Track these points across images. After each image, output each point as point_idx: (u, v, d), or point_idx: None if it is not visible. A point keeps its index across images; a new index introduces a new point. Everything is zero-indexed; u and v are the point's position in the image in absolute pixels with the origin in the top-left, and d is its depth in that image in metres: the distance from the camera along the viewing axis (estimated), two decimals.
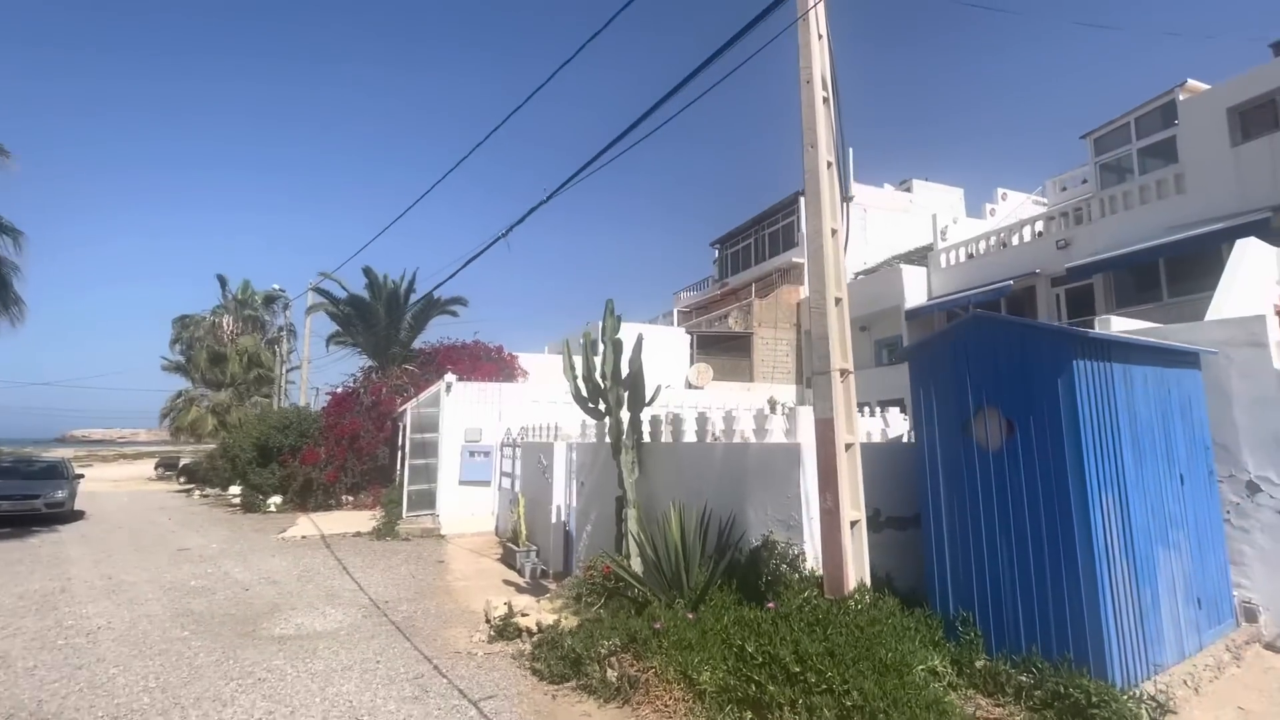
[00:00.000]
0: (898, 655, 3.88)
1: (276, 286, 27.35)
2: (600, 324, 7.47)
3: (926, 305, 20.47)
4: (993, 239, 19.40)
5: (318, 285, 18.47)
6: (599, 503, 8.33)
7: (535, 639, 5.90)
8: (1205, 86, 14.95)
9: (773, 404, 10.56)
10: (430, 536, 13.36)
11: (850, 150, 29.57)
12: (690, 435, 7.20)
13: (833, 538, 4.45)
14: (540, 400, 15.47)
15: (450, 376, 14.54)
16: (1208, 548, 4.78)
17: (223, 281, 30.00)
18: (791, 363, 25.87)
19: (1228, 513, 5.14)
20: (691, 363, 24.58)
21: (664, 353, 24.59)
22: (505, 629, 6.35)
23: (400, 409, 17.42)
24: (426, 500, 13.96)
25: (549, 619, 6.03)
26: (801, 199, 26.57)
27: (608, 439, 8.35)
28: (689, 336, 25.18)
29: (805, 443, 5.43)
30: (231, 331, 28.02)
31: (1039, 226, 17.88)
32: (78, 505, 17.15)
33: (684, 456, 6.88)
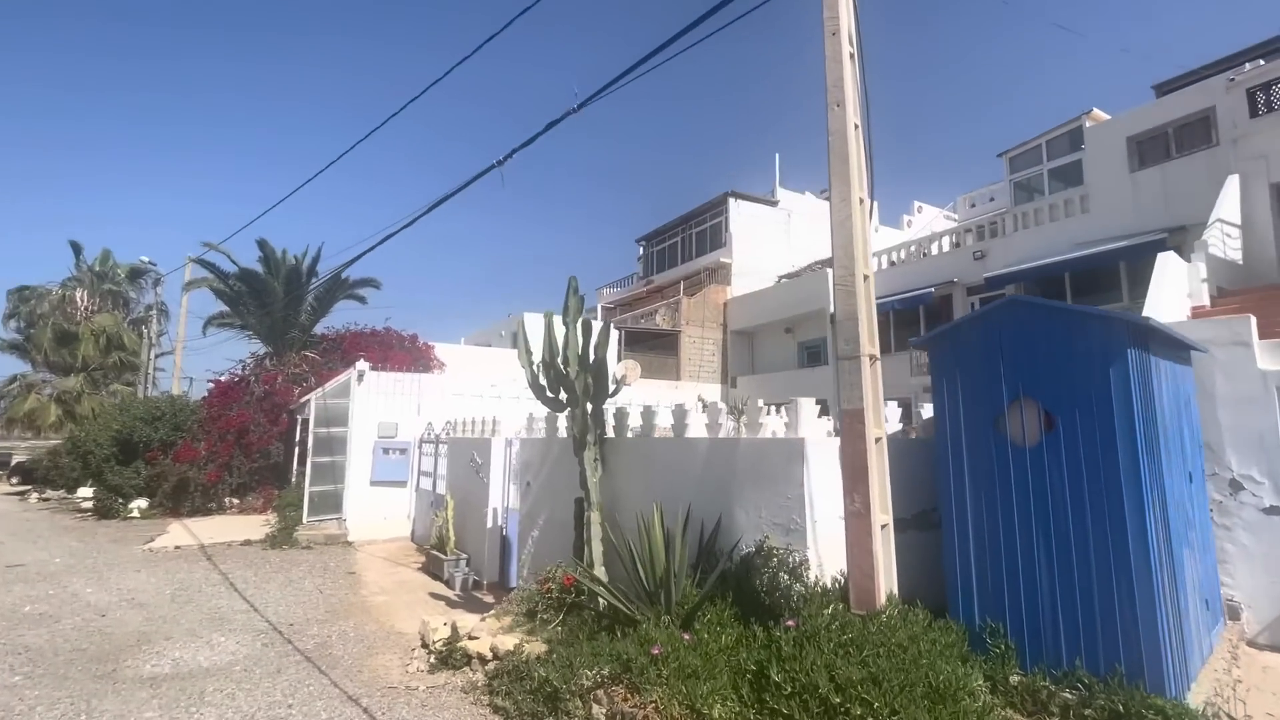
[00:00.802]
0: (950, 679, 3.39)
1: (145, 259, 23.79)
2: (563, 304, 6.62)
3: None
4: (914, 248, 20.24)
5: (201, 257, 16.01)
6: (549, 505, 7.46)
7: (491, 667, 4.98)
8: (1106, 116, 16.28)
9: (703, 402, 10.03)
10: (336, 544, 11.82)
11: (776, 155, 30.16)
12: (664, 429, 6.53)
13: (862, 544, 3.93)
14: (464, 394, 14.22)
15: (363, 364, 12.99)
16: (1207, 547, 4.72)
17: (76, 249, 25.67)
18: (717, 362, 25.86)
19: (1211, 511, 5.14)
20: (619, 359, 23.91)
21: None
22: (450, 656, 5.37)
23: (299, 400, 15.49)
24: (332, 503, 12.36)
25: (506, 642, 5.13)
26: (731, 200, 26.90)
27: (562, 434, 7.51)
28: (617, 332, 24.50)
29: (809, 437, 4.90)
30: (86, 308, 23.99)
31: (957, 238, 18.81)
32: None
33: (657, 453, 6.19)
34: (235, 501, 15.34)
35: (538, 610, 5.99)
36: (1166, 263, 9.62)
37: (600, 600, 5.83)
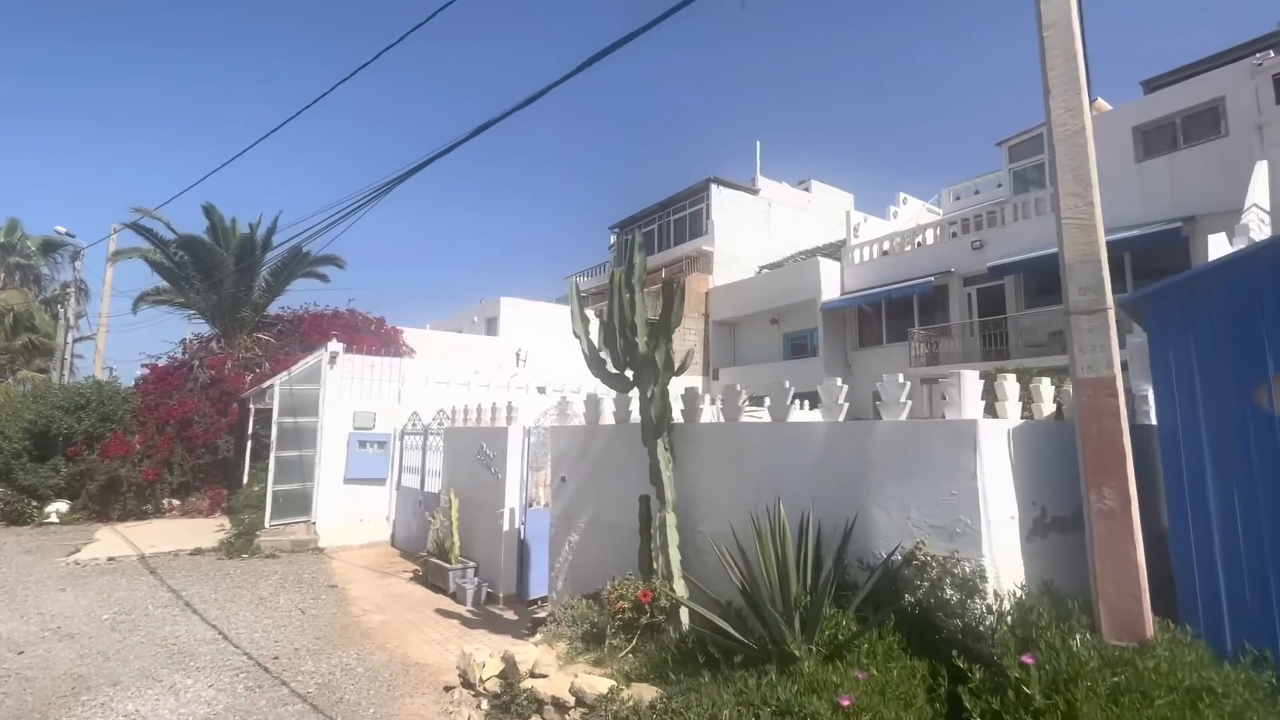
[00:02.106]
0: None
1: (62, 229, 20.95)
2: (627, 263, 5.46)
3: (842, 299, 20.51)
4: (908, 237, 19.89)
5: (136, 223, 13.79)
6: (593, 504, 6.29)
7: (579, 717, 3.82)
8: (1109, 107, 16.20)
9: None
10: (305, 551, 10.24)
11: (757, 143, 29.46)
12: (757, 412, 5.48)
13: (1121, 553, 2.99)
14: (450, 381, 12.79)
15: (335, 344, 11.38)
16: None
17: None
18: (700, 352, 24.97)
19: None
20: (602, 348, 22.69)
21: (571, 335, 22.48)
22: (512, 701, 4.17)
23: (253, 388, 13.66)
24: (299, 504, 10.74)
25: (593, 683, 3.96)
26: (714, 186, 25.98)
27: (607, 419, 6.35)
28: (597, 320, 23.25)
29: (981, 420, 3.95)
30: None
31: (954, 228, 18.51)
32: None
33: (752, 442, 5.11)
34: (176, 503, 13.38)
35: (604, 634, 4.85)
36: (1219, 245, 9.21)
37: (685, 621, 4.75)
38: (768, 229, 28.03)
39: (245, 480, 13.99)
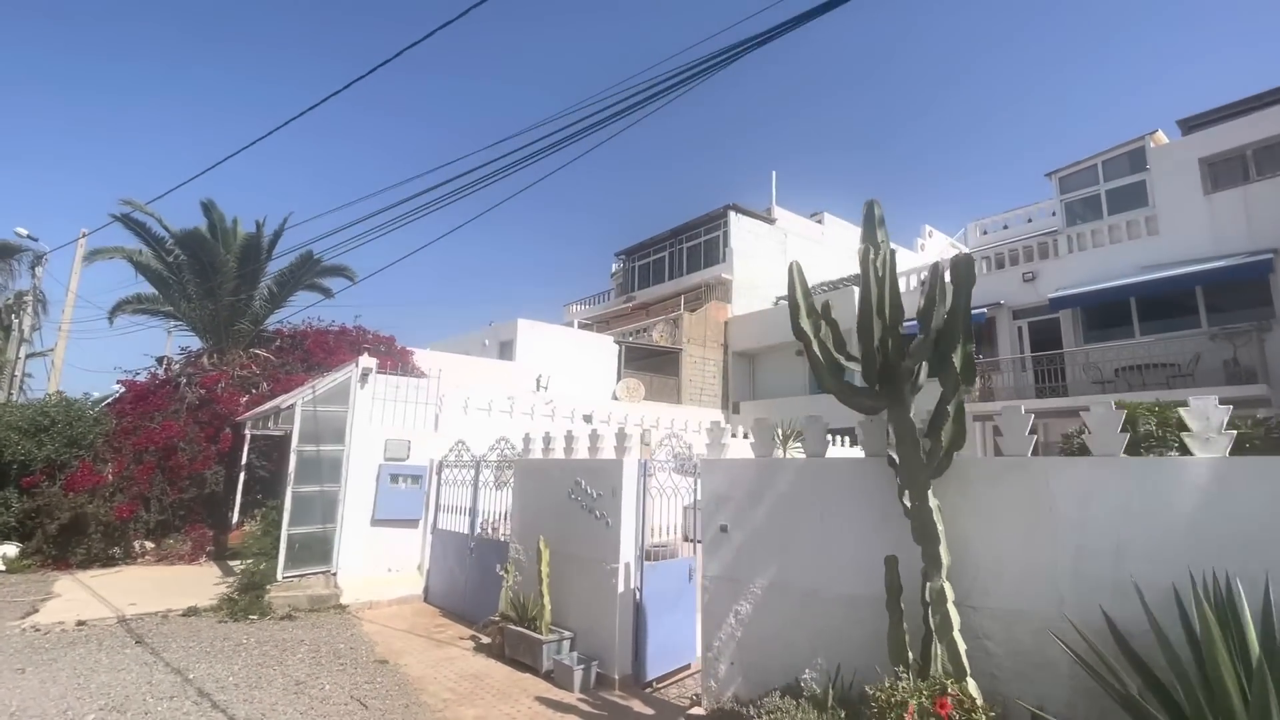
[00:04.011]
0: None
1: (22, 231, 18.69)
2: (865, 246, 4.12)
3: None
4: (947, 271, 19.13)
5: (128, 215, 11.85)
6: (779, 563, 4.79)
7: None
8: (1167, 139, 15.88)
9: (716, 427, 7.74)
10: (325, 609, 8.36)
11: (773, 173, 29.00)
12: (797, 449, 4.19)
13: None
14: (491, 408, 11.17)
15: (368, 360, 9.70)
16: None
17: None
18: (718, 385, 23.68)
19: None
20: (619, 377, 21.21)
21: (591, 362, 21.00)
22: None
23: (254, 411, 11.76)
24: (317, 550, 8.86)
25: None
26: (732, 213, 25.15)
27: (791, 451, 4.91)
28: (617, 347, 21.81)
29: None
30: None
31: (1000, 259, 17.83)
32: None
33: (1065, 485, 3.72)
34: (150, 546, 11.24)
35: None
36: None
37: None
38: (784, 259, 27.22)
39: (235, 519, 11.97)
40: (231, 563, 10.91)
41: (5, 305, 21.49)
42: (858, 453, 5.61)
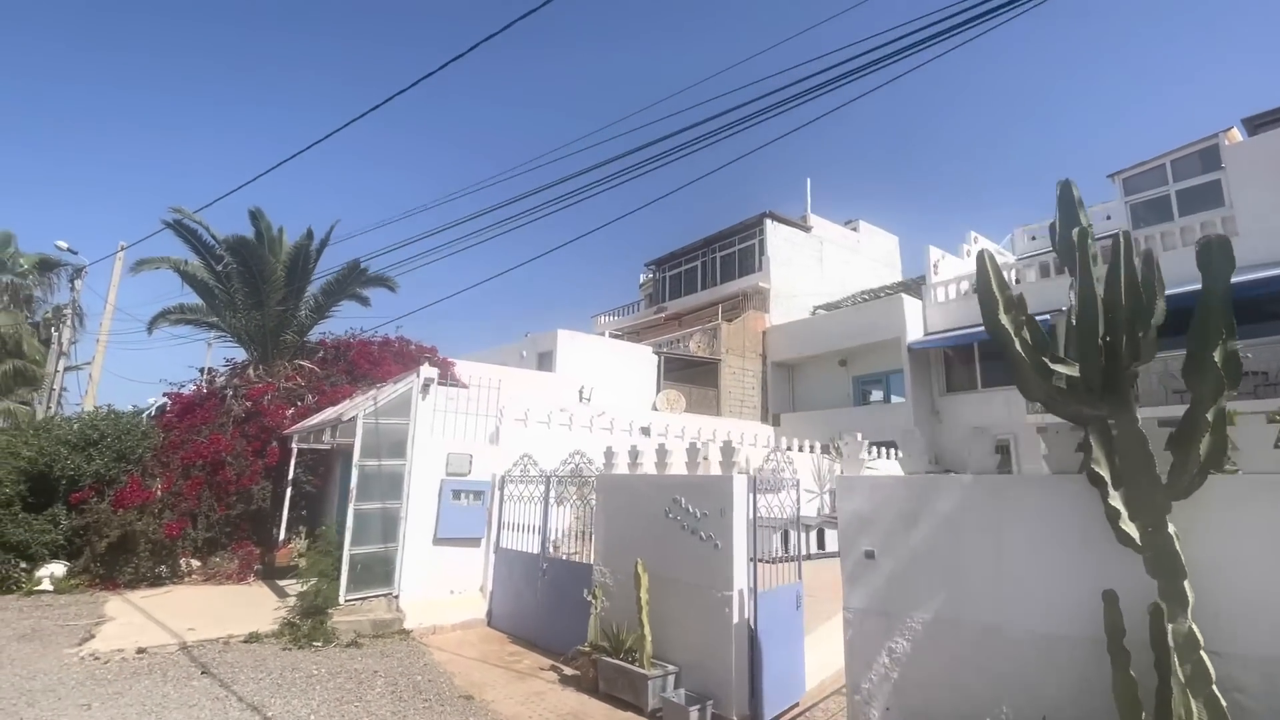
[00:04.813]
0: None
1: (62, 244, 18.67)
2: (1069, 229, 3.60)
3: (932, 339, 18.88)
4: (1008, 273, 18.49)
5: (179, 222, 11.60)
6: (944, 595, 4.21)
7: None
8: (1241, 137, 15.19)
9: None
10: (389, 634, 7.86)
11: (808, 180, 28.53)
12: (875, 465, 3.55)
13: None
14: (550, 421, 10.70)
15: (429, 370, 9.28)
16: None
17: None
18: (758, 396, 23.05)
19: None
20: (659, 388, 20.69)
21: (630, 373, 20.51)
22: None
23: (302, 424, 11.40)
24: (379, 571, 8.38)
25: None
26: (769, 221, 24.65)
27: (941, 467, 4.36)
28: (656, 358, 21.30)
29: None
30: None
31: (1056, 264, 17.13)
32: None
33: None
34: (196, 564, 10.83)
35: None
36: None
37: None
38: (820, 268, 26.68)
39: (282, 536, 11.56)
40: (281, 582, 10.49)
41: (44, 319, 21.55)
42: (895, 468, 5.11)
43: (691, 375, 22.04)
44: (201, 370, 13.87)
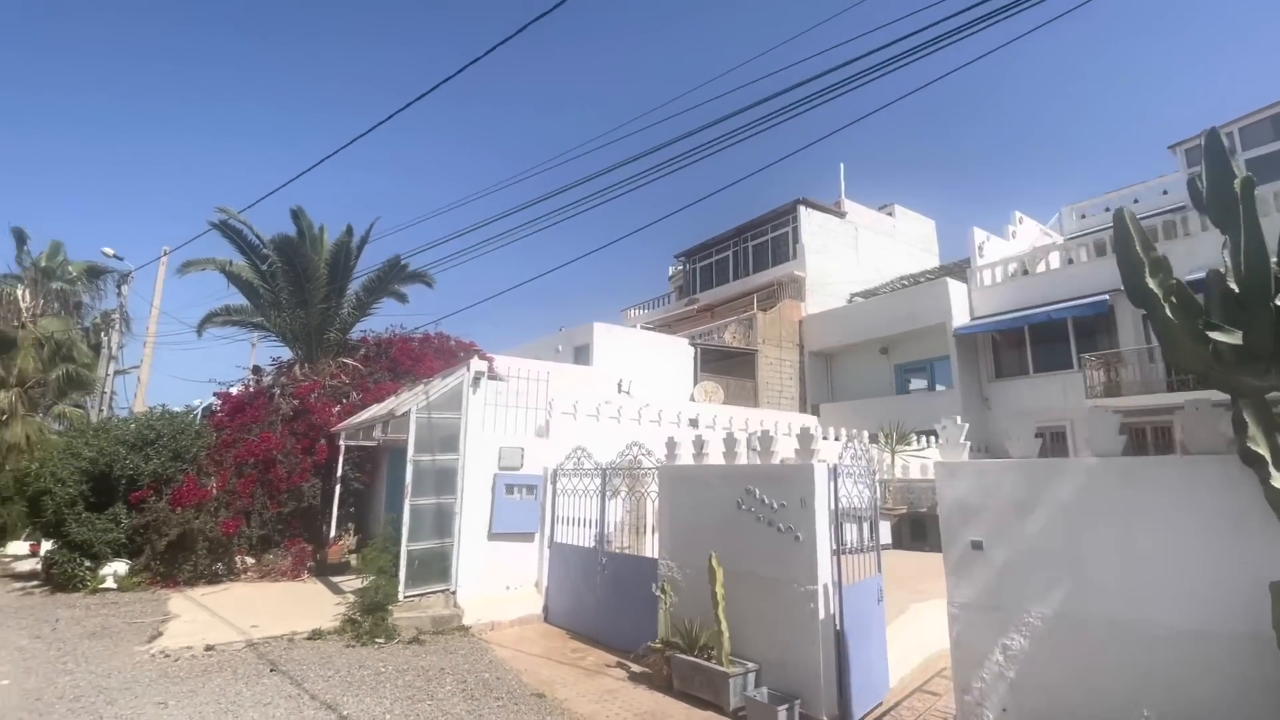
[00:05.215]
0: None
1: (110, 251, 19.10)
2: (1227, 179, 3.26)
3: (980, 323, 18.27)
4: (1056, 255, 17.78)
5: (225, 223, 11.72)
6: (1060, 589, 3.90)
7: None
8: None
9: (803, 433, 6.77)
10: (449, 631, 7.76)
11: (841, 165, 27.88)
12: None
13: None
14: (599, 414, 10.52)
15: (479, 363, 9.15)
16: None
17: (20, 237, 20.41)
18: (795, 387, 22.64)
19: None
20: (696, 380, 20.42)
21: (666, 365, 20.26)
22: None
23: (349, 421, 11.42)
24: (436, 568, 8.30)
25: None
26: (802, 208, 24.13)
27: (1074, 448, 4.02)
28: (692, 349, 21.03)
29: None
30: (30, 309, 19.00)
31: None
32: None
33: None
34: (250, 562, 10.91)
35: None
36: None
37: None
38: (856, 254, 26.09)
39: (333, 533, 11.61)
40: (335, 579, 10.52)
41: (94, 324, 22.10)
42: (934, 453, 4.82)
43: (728, 367, 21.72)
44: (254, 369, 13.96)
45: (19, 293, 19.24)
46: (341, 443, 11.85)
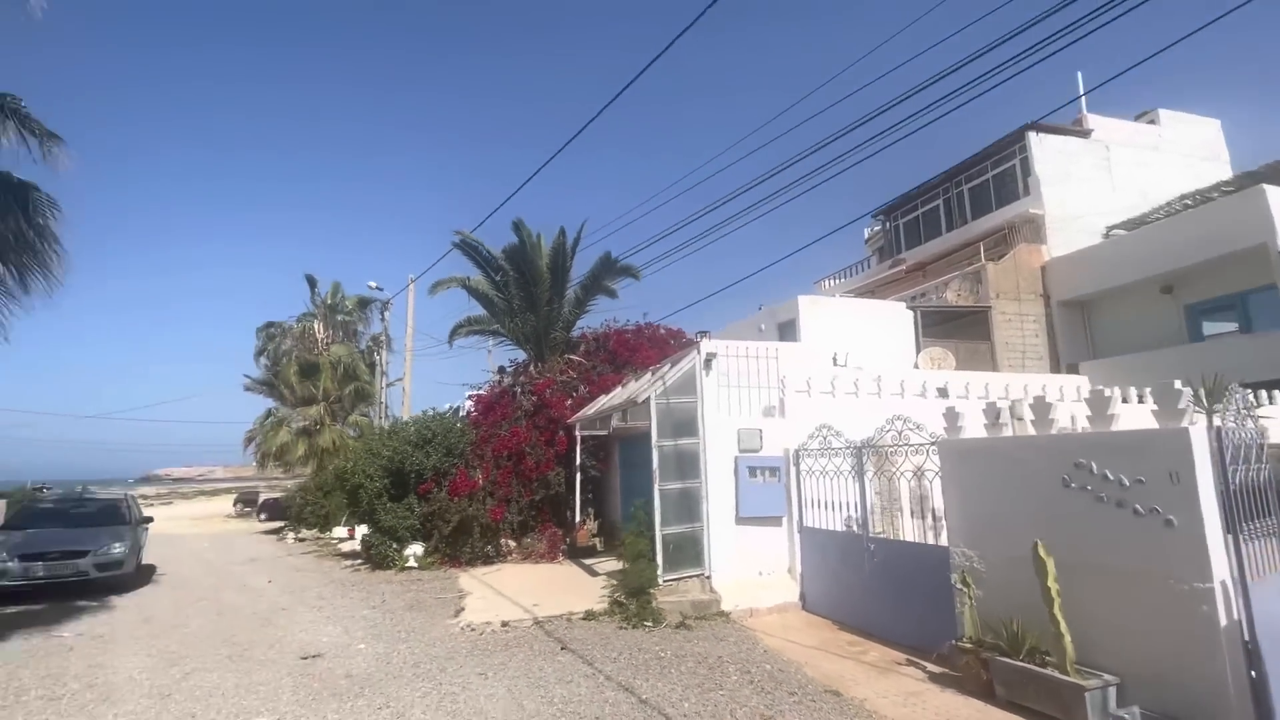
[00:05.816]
0: None
1: (373, 284, 22.80)
2: None
3: None
4: None
5: (465, 240, 13.34)
6: None
7: None
8: None
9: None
10: (710, 616, 7.66)
11: (1079, 74, 23.24)
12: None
13: None
14: (835, 390, 9.74)
15: (710, 345, 8.96)
16: None
17: (311, 283, 25.60)
18: (1043, 344, 19.36)
19: None
20: (919, 347, 18.49)
21: (880, 334, 18.57)
22: None
23: (583, 413, 12.02)
24: (689, 552, 8.29)
25: None
26: (1031, 134, 20.11)
27: None
28: (911, 314, 19.07)
29: None
30: (324, 339, 23.49)
31: None
32: (147, 558, 12.34)
33: None
34: (512, 545, 12.06)
35: None
36: None
37: None
38: (1110, 179, 21.47)
39: (577, 518, 12.35)
40: (586, 561, 11.17)
41: (367, 347, 26.60)
42: None
43: (953, 329, 19.21)
44: (499, 370, 15.50)
45: (315, 326, 23.72)
46: (578, 433, 12.57)
